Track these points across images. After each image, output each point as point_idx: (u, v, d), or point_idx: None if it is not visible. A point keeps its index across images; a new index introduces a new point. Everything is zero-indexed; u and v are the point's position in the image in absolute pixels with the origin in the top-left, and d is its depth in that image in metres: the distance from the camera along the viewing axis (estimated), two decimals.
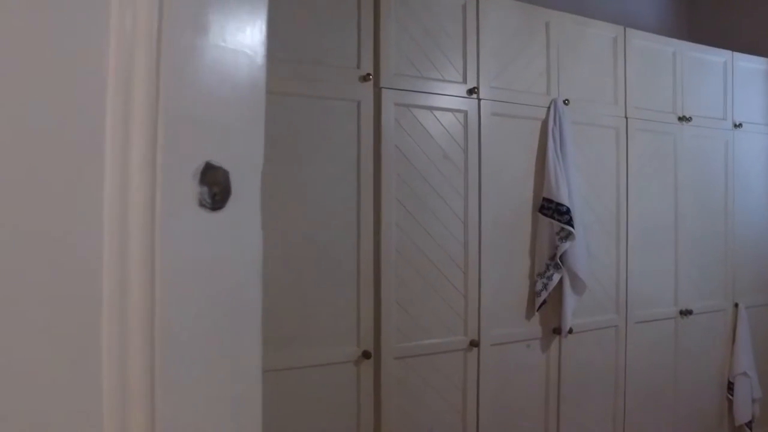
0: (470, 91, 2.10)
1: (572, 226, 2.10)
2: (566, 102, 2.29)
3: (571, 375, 2.35)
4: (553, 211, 2.13)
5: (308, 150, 1.83)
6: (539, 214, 2.18)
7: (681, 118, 2.71)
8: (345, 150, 1.89)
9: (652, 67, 2.64)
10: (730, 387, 2.88)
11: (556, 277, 2.15)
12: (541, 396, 2.28)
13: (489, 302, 2.12)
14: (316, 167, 1.84)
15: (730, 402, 2.88)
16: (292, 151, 1.80)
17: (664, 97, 2.68)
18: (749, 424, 2.89)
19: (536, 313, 2.23)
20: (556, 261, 2.14)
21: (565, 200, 2.11)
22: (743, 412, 2.86)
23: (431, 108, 2.04)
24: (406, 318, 1.98)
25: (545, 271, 2.16)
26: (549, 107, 2.25)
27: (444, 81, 2.07)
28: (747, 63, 3.04)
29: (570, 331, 2.27)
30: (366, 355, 1.89)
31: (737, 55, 2.98)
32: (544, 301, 2.19)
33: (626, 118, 2.52)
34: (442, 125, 2.06)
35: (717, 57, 2.91)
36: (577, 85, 2.38)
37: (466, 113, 2.10)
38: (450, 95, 2.07)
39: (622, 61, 2.51)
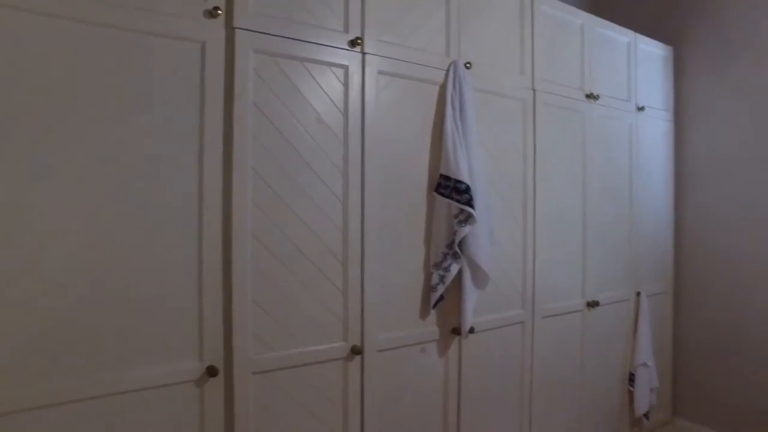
0: (353, 43, 1.71)
1: (473, 207, 1.78)
2: (468, 65, 1.97)
3: (473, 379, 2.06)
4: (451, 190, 1.80)
5: (128, 105, 1.35)
6: (435, 194, 1.85)
7: (589, 96, 2.51)
8: (184, 106, 1.44)
9: (560, 38, 2.41)
10: (631, 378, 2.78)
11: (454, 268, 1.82)
12: (438, 406, 1.97)
13: (375, 301, 1.76)
14: (139, 126, 1.37)
15: (631, 393, 2.78)
16: (98, 106, 1.31)
17: (573, 72, 2.47)
18: (647, 414, 2.81)
19: (432, 311, 1.90)
20: (455, 249, 1.82)
21: (464, 177, 1.79)
22: (642, 402, 2.78)
23: (302, 59, 1.62)
24: (267, 322, 1.56)
25: (442, 262, 1.83)
26: (448, 70, 1.92)
27: (320, 27, 1.66)
28: (648, 47, 2.93)
29: (471, 331, 1.97)
30: (211, 371, 1.45)
31: (640, 37, 2.86)
32: (441, 297, 1.86)
33: (534, 90, 2.26)
34: (316, 82, 1.65)
35: (622, 36, 2.76)
36: (481, 48, 2.08)
37: (346, 69, 1.70)
38: (327, 45, 1.67)
39: (529, 27, 2.25)
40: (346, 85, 1.70)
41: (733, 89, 2.89)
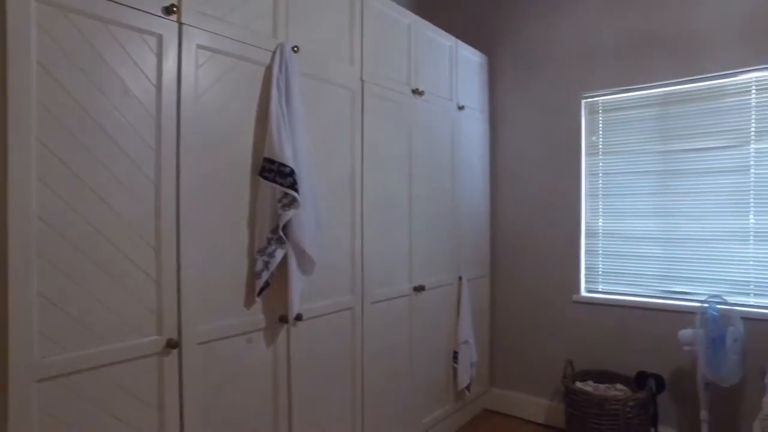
0: (167, 10, 1.58)
1: (297, 191, 1.77)
2: (296, 49, 1.95)
3: (304, 366, 2.04)
4: (275, 173, 1.76)
5: None
6: (260, 178, 1.79)
7: (415, 91, 2.68)
8: None
9: (389, 35, 2.53)
10: (455, 356, 3.03)
11: (279, 254, 1.79)
12: (267, 397, 1.91)
13: (194, 290, 1.65)
14: None
15: (455, 370, 3.03)
16: None
17: (400, 67, 2.61)
18: (468, 386, 3.10)
19: (258, 299, 1.84)
20: (279, 234, 1.78)
21: (289, 161, 1.76)
22: (464, 377, 3.05)
23: (105, 21, 1.45)
24: (60, 319, 1.36)
25: (266, 247, 1.78)
26: (275, 51, 1.88)
27: None
28: (467, 53, 3.23)
29: (299, 318, 1.95)
30: None
31: (460, 43, 3.14)
32: (267, 284, 1.82)
33: (362, 81, 2.33)
34: (122, 48, 1.48)
35: (445, 40, 3.00)
36: (311, 34, 2.08)
37: (160, 38, 1.56)
38: (136, 9, 1.51)
39: (359, 19, 2.32)
40: (159, 56, 1.56)
41: (532, 98, 3.33)
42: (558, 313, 3.23)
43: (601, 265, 3.12)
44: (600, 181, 3.11)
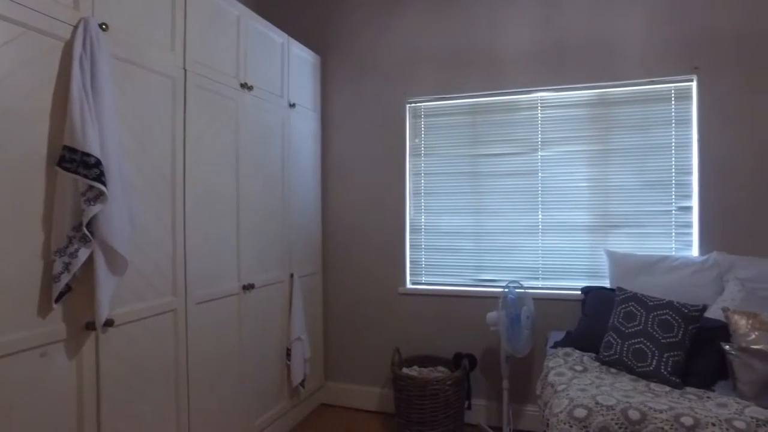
0: None
1: (104, 183, 1.59)
2: (104, 27, 1.76)
3: (117, 377, 1.85)
4: (77, 164, 1.57)
5: None
6: (58, 169, 1.58)
7: (243, 86, 2.61)
8: None
9: (217, 24, 2.42)
10: (288, 353, 3.02)
11: (83, 254, 1.60)
12: (71, 415, 1.69)
13: None
14: None
15: (289, 367, 3.03)
16: None
17: (228, 60, 2.52)
18: (302, 383, 3.12)
19: (55, 306, 1.62)
20: (83, 231, 1.59)
21: (94, 150, 1.58)
22: (298, 373, 3.06)
23: None
24: None
25: (67, 247, 1.57)
26: (77, 26, 1.67)
27: None
28: (300, 51, 3.26)
29: (110, 324, 1.77)
30: None
31: (293, 41, 3.15)
32: (68, 288, 1.61)
33: (185, 70, 2.20)
34: None
35: (277, 36, 2.98)
36: (123, 12, 1.89)
37: None
38: None
39: (182, 3, 2.18)
40: None
41: (362, 100, 3.49)
42: (386, 305, 3.43)
43: (423, 259, 3.40)
44: (422, 181, 3.39)
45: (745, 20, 2.75)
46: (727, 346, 2.10)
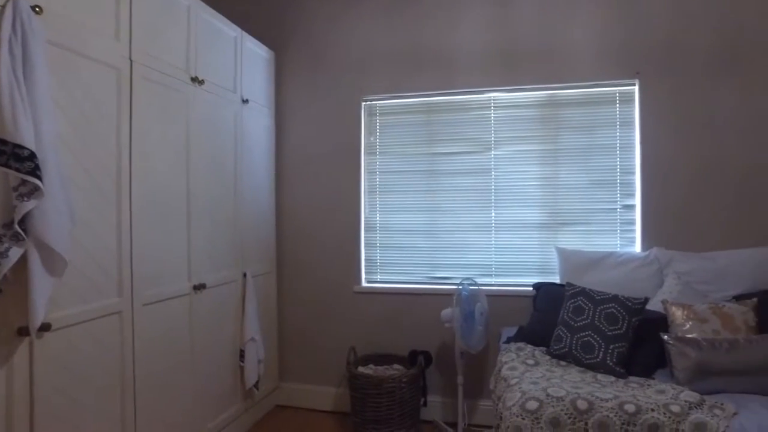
0: None
1: (39, 178, 1.50)
2: (37, 9, 1.65)
3: (53, 387, 1.74)
4: (8, 156, 1.46)
5: None
6: None
7: (194, 79, 2.52)
8: None
9: (166, 15, 2.33)
10: (242, 354, 2.95)
11: (15, 253, 1.49)
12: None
13: None
14: None
15: (242, 369, 2.95)
16: None
17: (178, 52, 2.43)
18: (256, 384, 3.05)
19: None
20: (15, 229, 1.49)
21: (27, 142, 1.48)
22: (251, 375, 2.99)
23: None
24: None
25: None
26: (5, 7, 1.55)
27: None
28: (254, 46, 3.19)
29: (46, 328, 1.66)
30: None
31: (246, 35, 3.07)
32: None
33: (131, 60, 2.10)
34: None
35: (230, 30, 2.90)
36: None
37: None
38: None
39: None
40: None
41: (318, 97, 3.45)
42: (341, 304, 3.40)
43: (378, 257, 3.39)
44: (377, 179, 3.38)
45: (678, 31, 2.91)
46: (666, 336, 2.20)
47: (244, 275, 3.00)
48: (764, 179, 2.81)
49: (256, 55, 3.21)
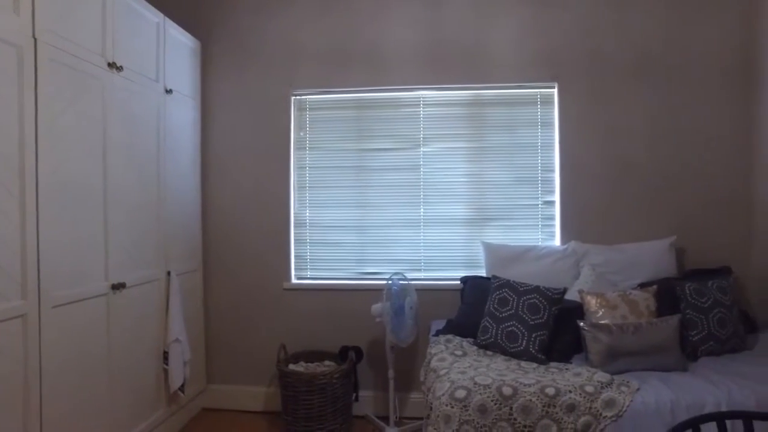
0: None
1: None
2: None
3: None
4: None
5: None
6: None
7: (111, 65, 2.36)
8: None
9: None
10: (166, 356, 2.81)
11: None
12: None
13: None
14: None
15: (166, 371, 2.81)
16: None
17: (93, 35, 2.26)
18: (182, 387, 2.92)
19: None
20: None
21: None
22: (176, 377, 2.85)
23: None
24: None
25: None
26: None
27: None
28: (178, 34, 3.04)
29: None
30: None
31: (170, 22, 2.93)
32: None
33: (35, 38, 1.92)
34: None
35: (151, 15, 2.75)
36: None
37: None
38: None
39: None
40: None
41: (246, 90, 3.35)
42: (271, 302, 3.34)
43: (308, 253, 3.36)
44: (307, 174, 3.35)
45: (594, 41, 3.13)
46: (582, 323, 2.36)
47: (168, 273, 2.86)
48: (664, 179, 3.09)
49: (180, 43, 3.06)
